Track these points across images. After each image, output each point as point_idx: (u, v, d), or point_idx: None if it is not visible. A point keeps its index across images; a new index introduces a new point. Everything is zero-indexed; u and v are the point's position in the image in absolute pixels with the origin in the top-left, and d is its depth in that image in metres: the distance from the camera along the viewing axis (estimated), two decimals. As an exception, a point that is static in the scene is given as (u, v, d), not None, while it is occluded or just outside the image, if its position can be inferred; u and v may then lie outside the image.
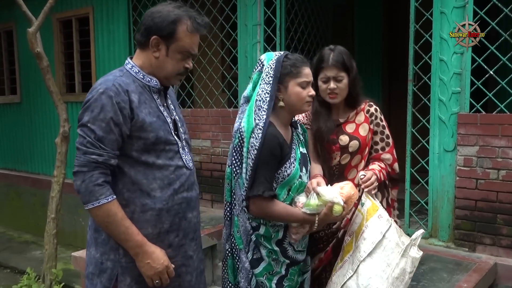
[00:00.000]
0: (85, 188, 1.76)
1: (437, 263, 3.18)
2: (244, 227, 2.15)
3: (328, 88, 2.32)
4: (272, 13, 4.45)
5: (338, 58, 2.30)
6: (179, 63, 1.90)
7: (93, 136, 1.75)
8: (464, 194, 3.39)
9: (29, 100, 7.07)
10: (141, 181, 1.85)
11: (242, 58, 4.65)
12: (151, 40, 1.86)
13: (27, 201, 7.17)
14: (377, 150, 2.44)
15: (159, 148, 1.87)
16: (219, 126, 4.84)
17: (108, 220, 1.79)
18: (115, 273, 1.88)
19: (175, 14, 1.85)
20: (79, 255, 3.57)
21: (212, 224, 4.19)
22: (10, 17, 7.04)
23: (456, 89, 3.40)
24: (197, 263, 2.08)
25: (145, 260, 1.84)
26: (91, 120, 1.76)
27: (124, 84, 1.82)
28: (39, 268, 4.89)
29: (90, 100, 1.78)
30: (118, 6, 5.65)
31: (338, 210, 2.01)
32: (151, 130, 1.84)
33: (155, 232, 1.89)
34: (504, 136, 3.21)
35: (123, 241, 1.82)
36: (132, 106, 1.80)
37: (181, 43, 1.86)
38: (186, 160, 1.97)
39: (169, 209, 1.90)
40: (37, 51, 4.55)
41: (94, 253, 1.92)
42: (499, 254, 3.28)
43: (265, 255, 2.14)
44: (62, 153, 4.69)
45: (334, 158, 2.36)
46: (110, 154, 1.78)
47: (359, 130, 2.38)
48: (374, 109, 2.44)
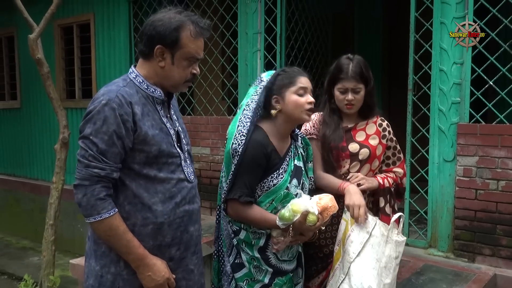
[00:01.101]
0: (86, 202, 1.73)
1: (436, 274, 3.17)
2: (226, 231, 2.20)
3: (346, 99, 2.32)
4: (272, 21, 4.47)
5: (357, 69, 2.29)
6: (185, 70, 1.86)
7: (95, 149, 1.72)
8: (463, 205, 3.39)
9: (29, 106, 7.08)
10: (142, 195, 1.82)
11: (243, 66, 4.66)
12: (155, 50, 1.81)
13: (26, 206, 7.16)
14: (389, 164, 2.47)
15: (161, 161, 1.84)
16: (218, 133, 4.84)
17: (110, 234, 1.77)
18: (116, 286, 1.85)
19: (177, 21, 1.80)
20: (77, 262, 3.56)
21: (210, 232, 4.18)
22: (11, 23, 7.07)
23: (455, 99, 3.41)
24: (198, 276, 2.06)
25: (146, 272, 1.82)
26: (93, 132, 1.72)
27: (128, 95, 1.77)
28: (36, 275, 4.87)
29: (93, 112, 1.74)
30: (119, 12, 5.68)
31: (312, 220, 2.00)
32: (154, 143, 1.80)
33: (155, 245, 1.87)
34: (504, 147, 3.21)
35: (125, 254, 1.81)
36: (135, 118, 1.76)
37: (186, 49, 1.82)
38: (188, 173, 1.94)
39: (171, 223, 1.88)
40: (37, 57, 4.56)
41: (94, 265, 1.88)
42: (499, 265, 3.27)
43: (246, 261, 2.14)
44: (61, 159, 4.69)
45: (343, 166, 2.35)
46: (113, 168, 1.74)
47: (369, 140, 2.38)
48: (386, 124, 2.46)
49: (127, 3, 5.56)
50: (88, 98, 6.17)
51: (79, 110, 6.27)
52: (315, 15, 5.45)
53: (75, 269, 3.56)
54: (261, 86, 2.14)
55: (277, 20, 4.45)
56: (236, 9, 4.69)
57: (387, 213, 2.39)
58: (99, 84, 5.98)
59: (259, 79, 2.20)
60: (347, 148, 2.33)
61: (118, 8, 5.68)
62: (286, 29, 4.60)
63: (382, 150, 2.41)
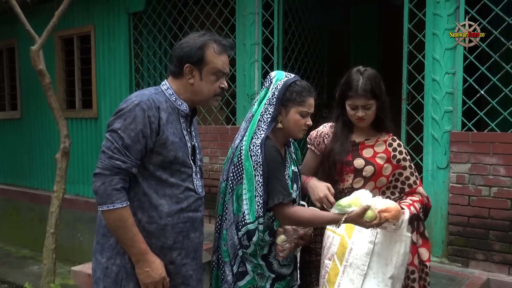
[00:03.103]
0: (103, 190, 1.86)
1: (431, 279, 3.20)
2: (232, 241, 2.18)
3: (356, 115, 2.24)
4: (269, 33, 4.57)
5: (366, 86, 2.18)
6: (213, 84, 2.04)
7: (121, 143, 1.86)
8: (457, 211, 3.47)
9: (29, 116, 7.14)
10: (151, 194, 1.96)
11: (241, 76, 4.75)
12: (185, 69, 2.00)
13: (26, 216, 7.19)
14: (411, 185, 2.35)
15: (175, 167, 1.98)
16: (217, 142, 4.92)
17: (118, 224, 1.89)
18: (120, 278, 1.97)
19: (201, 41, 1.99)
20: (79, 269, 3.62)
21: (209, 239, 4.21)
22: (12, 34, 7.15)
23: (448, 108, 3.50)
24: (196, 282, 2.16)
25: (145, 268, 1.93)
26: (122, 127, 1.87)
27: (157, 101, 1.95)
28: (36, 283, 4.90)
29: (125, 109, 1.90)
30: (119, 24, 5.77)
31: (370, 216, 1.98)
32: (172, 149, 1.95)
33: (158, 245, 1.98)
34: (495, 154, 3.31)
35: (128, 247, 1.92)
36: (160, 123, 1.92)
37: (212, 64, 2.00)
38: (196, 186, 2.08)
39: (174, 226, 1.99)
40: (39, 69, 4.63)
41: (100, 258, 2.01)
42: (492, 269, 3.35)
43: (250, 270, 2.17)
44: (62, 168, 4.75)
45: (346, 180, 2.30)
46: (133, 163, 1.89)
47: (376, 157, 2.29)
48: (397, 144, 2.35)
49: (127, 15, 5.67)
50: (88, 108, 6.25)
51: (79, 120, 6.34)
52: (311, 27, 5.56)
53: (77, 276, 3.62)
54: (273, 93, 2.15)
55: (274, 32, 4.56)
56: (234, 21, 4.80)
57: (413, 241, 2.24)
58: (99, 94, 6.06)
59: (269, 79, 2.23)
60: (352, 163, 2.28)
61: (118, 20, 5.78)
62: (283, 40, 4.71)
63: (392, 170, 2.31)
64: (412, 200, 2.28)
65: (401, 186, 2.36)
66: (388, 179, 2.32)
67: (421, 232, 2.30)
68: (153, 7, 5.42)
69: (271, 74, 2.24)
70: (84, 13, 6.18)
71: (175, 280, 2.04)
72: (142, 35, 5.63)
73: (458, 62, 3.45)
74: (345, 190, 2.30)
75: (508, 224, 3.27)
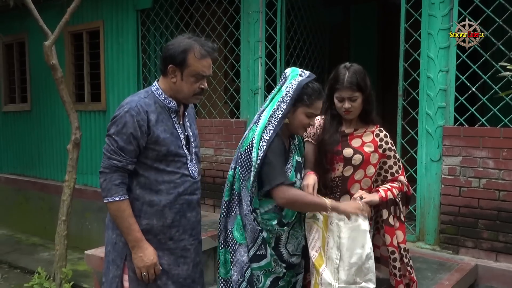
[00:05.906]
0: (105, 185, 2.20)
1: (422, 264, 3.45)
2: (251, 226, 2.29)
3: (343, 107, 2.41)
4: (273, 30, 4.75)
5: (352, 79, 2.36)
6: (193, 85, 2.25)
7: (115, 145, 2.17)
8: (448, 201, 3.67)
9: (38, 109, 7.33)
10: (152, 182, 2.26)
11: (245, 72, 4.94)
12: (168, 69, 2.23)
13: (35, 205, 7.40)
14: (393, 173, 2.52)
15: (169, 159, 2.26)
16: (222, 135, 5.11)
17: (117, 214, 2.21)
18: (125, 252, 2.27)
19: (185, 44, 2.20)
20: (92, 253, 3.81)
21: (214, 227, 4.43)
22: (22, 29, 7.32)
23: (441, 104, 3.69)
24: (194, 255, 2.43)
25: (139, 253, 2.23)
26: (115, 132, 2.18)
27: (146, 105, 2.21)
28: (47, 269, 5.11)
29: (117, 117, 2.20)
30: (127, 20, 5.95)
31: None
32: (164, 144, 2.23)
33: (159, 225, 2.28)
34: (485, 148, 3.50)
35: (125, 234, 2.23)
36: (150, 124, 2.19)
37: (192, 67, 2.20)
38: (192, 171, 2.35)
39: (171, 207, 2.29)
40: (52, 63, 4.81)
41: (110, 234, 2.34)
42: (480, 256, 3.55)
43: (269, 254, 2.31)
44: (73, 159, 4.94)
45: (337, 169, 2.44)
46: (128, 161, 2.19)
47: (364, 147, 2.45)
48: (384, 134, 2.52)
49: (135, 12, 5.84)
50: (97, 101, 6.45)
51: (88, 112, 6.54)
52: (313, 25, 5.72)
53: (90, 259, 3.81)
54: (287, 92, 2.27)
55: (277, 29, 4.74)
56: (239, 19, 4.97)
57: (390, 224, 2.45)
58: (107, 88, 6.25)
59: (284, 76, 2.35)
60: (341, 152, 2.43)
61: (126, 16, 5.95)
62: (285, 37, 4.89)
63: (378, 159, 2.47)
64: (391, 186, 2.48)
65: (384, 174, 2.55)
66: (376, 168, 2.49)
67: (398, 216, 2.48)
68: (160, 5, 5.59)
69: (286, 71, 2.36)
70: (94, 9, 6.35)
71: (175, 254, 2.34)
72: (149, 31, 5.80)
73: (451, 60, 3.64)
74: (336, 178, 2.47)
75: (496, 213, 3.47)
